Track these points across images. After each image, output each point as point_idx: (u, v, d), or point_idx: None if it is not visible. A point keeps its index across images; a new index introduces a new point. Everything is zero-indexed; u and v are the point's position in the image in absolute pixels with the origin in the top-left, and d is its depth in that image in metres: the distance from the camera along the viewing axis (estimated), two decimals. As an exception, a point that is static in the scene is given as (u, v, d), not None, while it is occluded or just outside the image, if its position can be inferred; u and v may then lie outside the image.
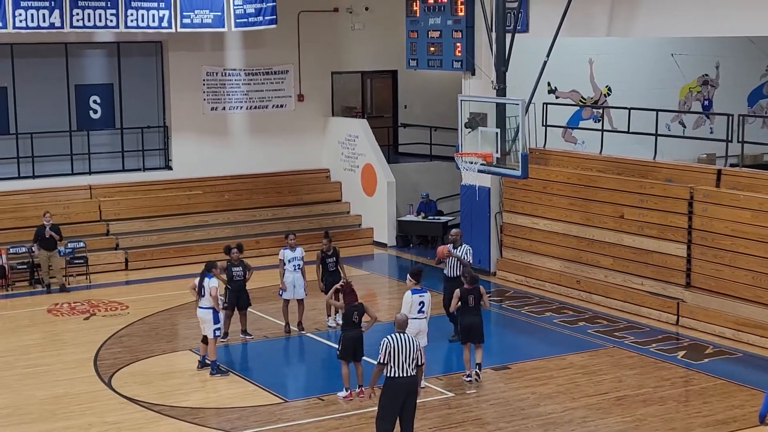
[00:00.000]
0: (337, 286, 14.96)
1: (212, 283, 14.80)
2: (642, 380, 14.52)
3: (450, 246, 16.24)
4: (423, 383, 13.99)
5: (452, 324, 16.12)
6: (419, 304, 13.87)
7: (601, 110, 22.01)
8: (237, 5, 21.95)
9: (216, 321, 14.85)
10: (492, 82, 17.75)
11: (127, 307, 18.73)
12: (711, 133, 22.96)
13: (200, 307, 14.93)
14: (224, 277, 16.05)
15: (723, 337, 16.36)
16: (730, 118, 18.16)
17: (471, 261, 16.47)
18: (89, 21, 20.76)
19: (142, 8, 21.19)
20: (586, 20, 18.14)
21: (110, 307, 18.74)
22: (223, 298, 15.92)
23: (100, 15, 20.81)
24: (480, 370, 14.47)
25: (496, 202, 20.75)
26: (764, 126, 24.37)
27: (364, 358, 13.91)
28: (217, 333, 14.94)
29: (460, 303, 14.34)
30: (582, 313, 18.01)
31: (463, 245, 16.38)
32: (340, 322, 16.47)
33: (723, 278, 16.65)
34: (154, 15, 21.30)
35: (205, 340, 15.03)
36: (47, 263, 19.93)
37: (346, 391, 13.79)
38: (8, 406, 13.80)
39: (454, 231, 16.76)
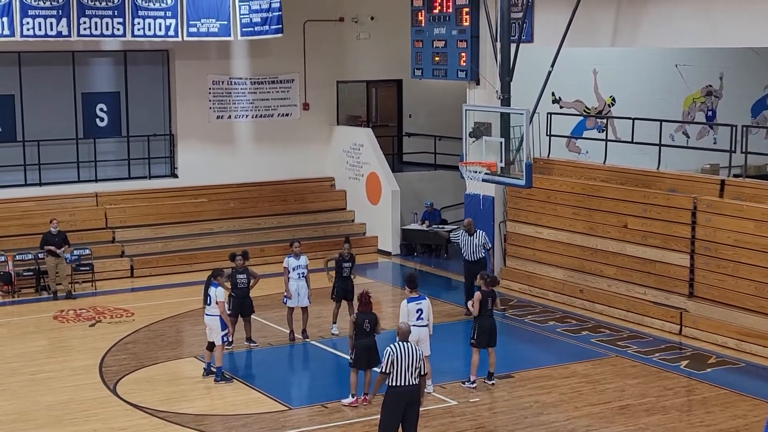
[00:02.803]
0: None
1: (219, 295, 14.86)
2: (645, 389, 14.56)
3: (463, 232, 18.04)
4: (430, 388, 14.11)
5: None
6: (417, 312, 13.92)
7: (605, 120, 22.08)
8: (243, 14, 22.06)
9: (223, 327, 14.91)
10: (496, 91, 17.83)
11: (133, 314, 18.80)
12: (714, 143, 23.02)
13: (207, 315, 15.02)
14: (228, 284, 16.11)
15: (726, 347, 16.38)
16: (734, 128, 18.21)
17: (490, 246, 18.44)
18: (96, 29, 20.87)
19: (149, 17, 21.30)
20: (591, 30, 18.21)
21: (116, 314, 18.81)
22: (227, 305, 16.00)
23: (107, 23, 20.92)
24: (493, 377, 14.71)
25: (500, 211, 20.81)
26: (767, 137, 24.41)
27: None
28: (225, 339, 15.01)
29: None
30: (585, 323, 18.05)
31: (478, 231, 18.05)
32: (335, 332, 16.68)
33: (726, 288, 16.69)
34: (160, 24, 21.42)
35: (210, 347, 15.10)
36: (54, 270, 20.02)
37: (352, 397, 13.83)
38: (14, 412, 13.86)
39: (466, 221, 18.28)
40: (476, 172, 17.17)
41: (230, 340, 16.05)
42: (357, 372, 13.83)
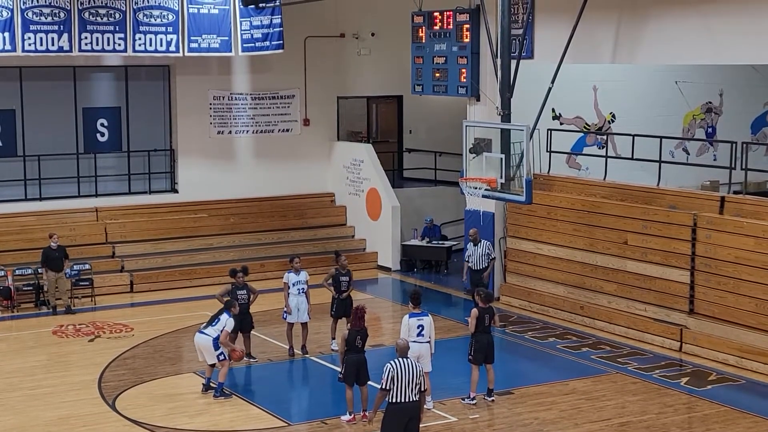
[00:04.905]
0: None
1: (229, 325, 14.85)
2: (645, 406, 14.52)
3: (470, 242, 18.86)
4: (430, 404, 14.08)
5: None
6: (418, 328, 13.90)
7: (605, 136, 22.11)
8: (244, 30, 22.14)
9: (217, 348, 14.89)
10: (497, 107, 17.83)
11: (132, 329, 18.78)
12: (714, 160, 23.03)
13: (202, 333, 14.95)
14: (227, 299, 16.08)
15: (726, 363, 16.35)
16: (734, 145, 18.25)
17: (494, 256, 19.14)
18: (98, 45, 20.94)
19: (150, 32, 21.37)
20: (591, 47, 18.25)
21: (115, 329, 18.79)
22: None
23: (108, 39, 20.99)
24: (492, 393, 14.66)
25: (501, 227, 20.81)
26: (767, 153, 24.45)
27: (369, 383, 13.90)
28: (221, 358, 14.95)
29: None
30: (585, 339, 18.02)
31: (482, 241, 18.87)
32: (335, 348, 16.58)
33: (726, 305, 16.67)
34: (161, 39, 21.48)
35: (212, 363, 15.05)
36: (54, 285, 20.00)
37: (350, 414, 13.80)
38: (13, 427, 13.82)
39: (472, 230, 18.94)
40: (476, 188, 17.15)
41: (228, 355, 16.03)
42: (352, 388, 13.79)
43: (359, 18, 25.39)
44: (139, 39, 21.25)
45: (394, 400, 11.45)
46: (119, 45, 21.12)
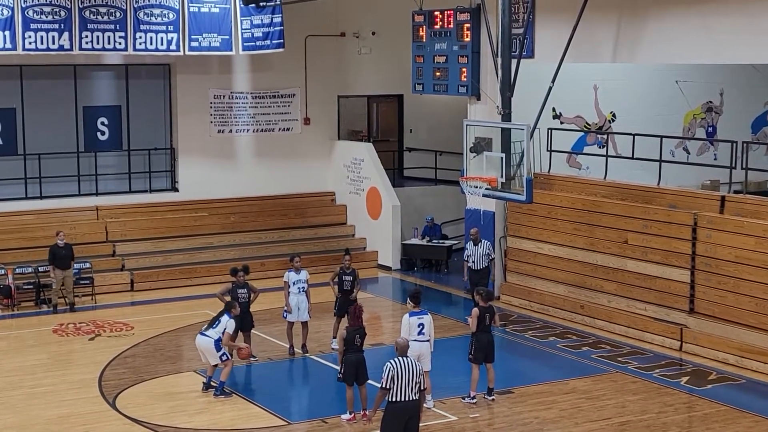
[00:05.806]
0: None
1: (230, 327, 14.86)
2: (645, 406, 14.53)
3: (470, 242, 18.70)
4: (430, 403, 14.09)
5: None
6: (418, 326, 13.91)
7: (605, 136, 22.12)
8: (245, 29, 22.15)
9: (219, 349, 14.90)
10: (497, 107, 17.85)
11: (132, 327, 18.79)
12: (715, 159, 23.03)
13: (204, 335, 14.96)
14: (228, 298, 16.10)
15: (726, 363, 16.36)
16: (734, 144, 18.25)
17: (493, 256, 18.99)
18: (98, 43, 20.95)
19: (151, 31, 21.38)
20: (591, 46, 18.25)
21: (115, 328, 18.80)
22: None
23: (109, 38, 21.00)
24: (493, 392, 14.66)
25: (501, 226, 20.81)
26: (767, 153, 24.48)
27: (369, 382, 13.91)
28: (225, 358, 14.97)
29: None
30: (585, 338, 18.03)
31: (483, 241, 18.71)
32: (335, 347, 16.57)
33: (726, 304, 16.67)
34: (162, 38, 21.49)
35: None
36: (60, 283, 20.00)
37: (350, 414, 13.81)
38: (13, 426, 13.83)
39: (473, 230, 18.81)
40: (477, 187, 17.16)
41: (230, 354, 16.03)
42: (352, 388, 13.80)
43: (360, 17, 25.39)
44: (140, 38, 21.25)
45: (394, 399, 11.46)
46: (120, 44, 21.13)
